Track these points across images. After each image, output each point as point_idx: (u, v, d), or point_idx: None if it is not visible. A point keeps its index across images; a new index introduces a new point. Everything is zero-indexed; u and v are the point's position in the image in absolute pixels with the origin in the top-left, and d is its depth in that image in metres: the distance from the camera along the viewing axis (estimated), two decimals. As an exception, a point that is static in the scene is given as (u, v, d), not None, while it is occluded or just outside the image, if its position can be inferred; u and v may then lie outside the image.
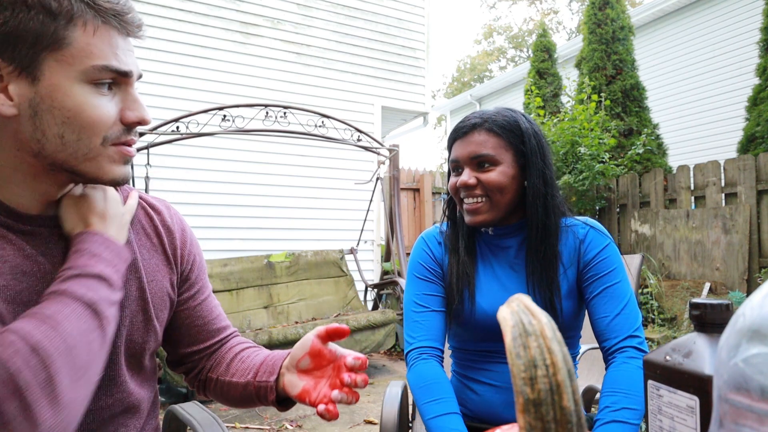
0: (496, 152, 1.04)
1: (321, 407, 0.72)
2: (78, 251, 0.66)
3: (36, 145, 0.64)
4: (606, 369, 1.02)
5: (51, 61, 0.62)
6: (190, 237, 0.90)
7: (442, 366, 1.07)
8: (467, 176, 1.05)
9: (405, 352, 1.10)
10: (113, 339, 0.72)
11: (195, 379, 0.91)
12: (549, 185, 1.06)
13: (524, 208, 1.08)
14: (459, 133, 1.08)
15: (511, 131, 1.05)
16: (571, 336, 1.12)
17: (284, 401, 0.82)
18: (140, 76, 0.71)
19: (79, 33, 0.63)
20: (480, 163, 1.05)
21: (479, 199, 1.05)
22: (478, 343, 1.12)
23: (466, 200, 1.07)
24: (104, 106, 0.66)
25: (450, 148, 1.12)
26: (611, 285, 1.03)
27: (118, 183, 0.70)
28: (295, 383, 0.77)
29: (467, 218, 1.08)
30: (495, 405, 1.09)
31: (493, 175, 1.04)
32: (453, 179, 1.10)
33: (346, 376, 0.72)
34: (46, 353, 0.55)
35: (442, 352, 1.10)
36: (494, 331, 1.07)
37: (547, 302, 1.04)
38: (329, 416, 0.72)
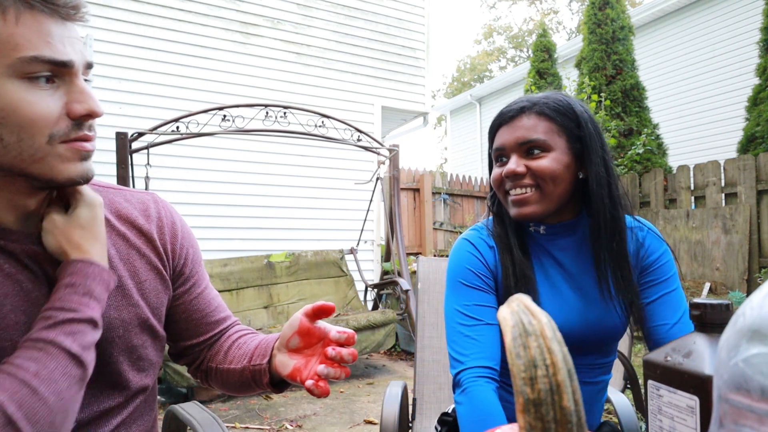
0: (549, 137, 0.92)
1: (309, 382, 0.71)
2: (71, 286, 0.64)
3: None
4: None
5: None
6: (182, 230, 0.86)
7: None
8: (515, 164, 0.93)
9: (454, 372, 0.92)
10: (112, 351, 0.73)
11: (197, 369, 0.91)
12: (612, 175, 0.94)
13: (578, 203, 0.98)
14: (504, 118, 0.96)
15: (564, 114, 0.94)
16: (613, 350, 1.01)
17: (279, 383, 0.82)
18: (89, 66, 0.65)
19: (2, 23, 0.57)
20: (529, 149, 0.93)
21: (528, 190, 0.93)
22: None
23: (512, 191, 0.95)
24: (43, 102, 0.60)
25: (492, 136, 1.00)
26: (670, 291, 0.96)
27: (76, 182, 0.65)
28: (286, 363, 0.76)
29: (513, 211, 0.95)
30: None
31: (545, 162, 0.92)
32: (497, 170, 0.98)
33: (330, 350, 0.70)
34: (21, 425, 0.54)
35: (498, 371, 0.93)
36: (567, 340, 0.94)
37: (629, 306, 0.94)
38: (318, 391, 0.70)
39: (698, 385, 0.48)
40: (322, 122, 3.84)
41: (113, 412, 0.76)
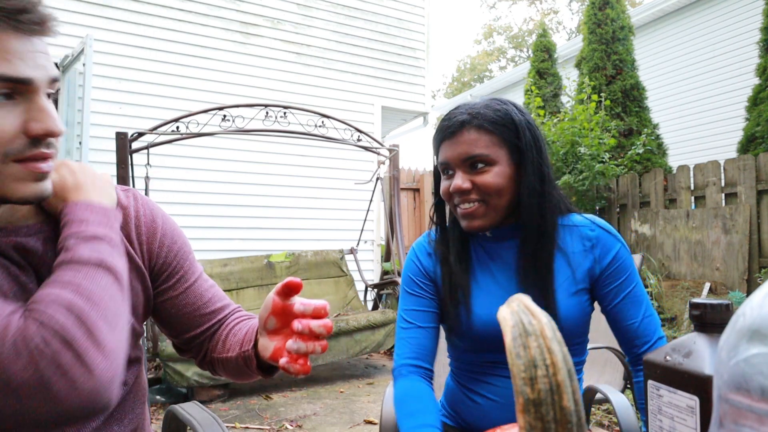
0: (490, 151, 0.95)
1: (282, 360, 0.69)
2: (66, 223, 0.67)
3: None
4: (633, 371, 1.03)
5: None
6: (163, 226, 0.84)
7: (430, 382, 1.02)
8: (461, 180, 0.96)
9: (393, 370, 1.06)
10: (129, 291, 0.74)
11: (203, 361, 0.92)
12: (546, 182, 0.98)
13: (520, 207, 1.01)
14: (446, 133, 0.98)
15: (504, 126, 0.96)
16: (577, 342, 1.05)
17: (269, 368, 0.81)
18: (54, 81, 0.63)
19: None
20: (473, 164, 0.96)
21: (474, 204, 0.97)
22: (477, 354, 1.05)
23: (460, 205, 0.99)
24: (1, 120, 0.58)
25: (437, 149, 1.02)
26: (631, 290, 1.01)
27: (30, 202, 0.64)
28: (266, 346, 0.75)
29: (463, 224, 1.00)
30: (495, 420, 1.03)
31: (489, 177, 0.95)
32: (445, 183, 1.01)
33: (296, 323, 0.66)
34: (80, 310, 0.59)
35: (430, 370, 1.03)
36: (495, 342, 0.99)
37: (543, 309, 0.99)
38: (293, 369, 0.67)
39: (698, 385, 0.48)
40: (322, 122, 3.84)
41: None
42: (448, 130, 0.98)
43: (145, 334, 3.19)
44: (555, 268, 1.00)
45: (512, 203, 0.99)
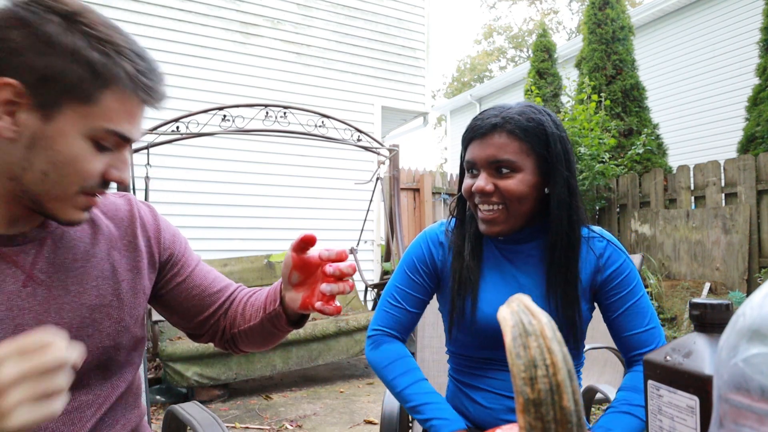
0: (518, 158, 0.95)
1: (318, 303, 0.76)
2: None
3: (18, 171, 0.66)
4: (628, 370, 1.04)
5: (69, 110, 0.64)
6: (163, 226, 0.90)
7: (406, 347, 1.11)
8: (484, 182, 0.97)
9: (367, 336, 1.12)
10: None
11: (222, 341, 0.95)
12: (573, 195, 0.99)
13: (541, 215, 1.02)
14: (477, 133, 0.99)
15: (535, 135, 0.96)
16: (580, 347, 1.07)
17: (297, 321, 0.87)
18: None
19: (109, 97, 0.66)
20: (498, 168, 0.96)
21: (495, 207, 0.98)
22: (478, 350, 1.06)
23: (481, 206, 1.00)
24: (95, 162, 0.68)
25: (466, 146, 1.03)
26: (636, 301, 1.01)
27: (72, 224, 0.73)
28: (294, 298, 0.81)
29: (482, 227, 1.01)
30: (495, 412, 1.05)
31: (513, 183, 0.95)
32: (468, 181, 1.02)
33: (328, 267, 0.74)
34: None
35: (404, 342, 1.12)
36: (497, 339, 1.01)
37: (570, 320, 1.00)
38: (329, 309, 0.75)
39: (698, 385, 0.48)
40: (322, 122, 3.84)
41: (80, 414, 0.76)
42: (479, 130, 0.99)
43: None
44: None
45: (532, 212, 1.00)
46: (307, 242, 0.76)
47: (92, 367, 0.77)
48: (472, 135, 1.00)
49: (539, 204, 1.00)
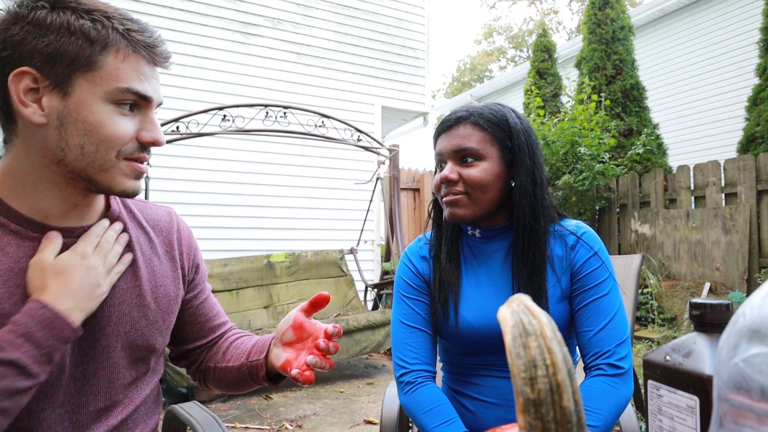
0: (481, 146, 0.99)
1: (294, 371, 0.78)
2: (13, 323, 0.65)
3: (59, 153, 0.70)
4: (584, 378, 1.00)
5: (82, 80, 0.69)
6: (195, 244, 0.96)
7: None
8: (449, 170, 1.00)
9: (397, 376, 1.05)
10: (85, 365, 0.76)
11: (196, 371, 0.98)
12: (538, 186, 1.00)
13: (511, 209, 1.03)
14: (444, 126, 1.04)
15: (498, 125, 1.00)
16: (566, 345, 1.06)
17: (274, 378, 0.89)
18: (160, 104, 0.78)
19: (111, 58, 0.70)
20: (463, 157, 1.00)
21: (458, 195, 1.00)
22: (464, 356, 1.06)
23: (446, 197, 1.02)
24: (123, 124, 0.72)
25: (435, 142, 1.07)
26: (598, 298, 0.98)
27: (128, 195, 0.76)
28: (279, 355, 0.84)
29: (446, 212, 1.02)
30: (487, 421, 1.03)
31: (476, 171, 0.99)
32: (437, 175, 1.05)
33: (322, 342, 0.78)
34: None
35: (435, 373, 1.06)
36: (480, 344, 1.01)
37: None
38: (302, 379, 0.77)
39: (698, 385, 0.48)
40: (322, 122, 3.84)
41: (108, 412, 0.78)
42: (446, 123, 1.04)
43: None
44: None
45: (497, 202, 1.02)
46: (320, 302, 0.82)
47: (128, 364, 0.80)
48: (440, 129, 1.05)
49: (505, 197, 1.02)
